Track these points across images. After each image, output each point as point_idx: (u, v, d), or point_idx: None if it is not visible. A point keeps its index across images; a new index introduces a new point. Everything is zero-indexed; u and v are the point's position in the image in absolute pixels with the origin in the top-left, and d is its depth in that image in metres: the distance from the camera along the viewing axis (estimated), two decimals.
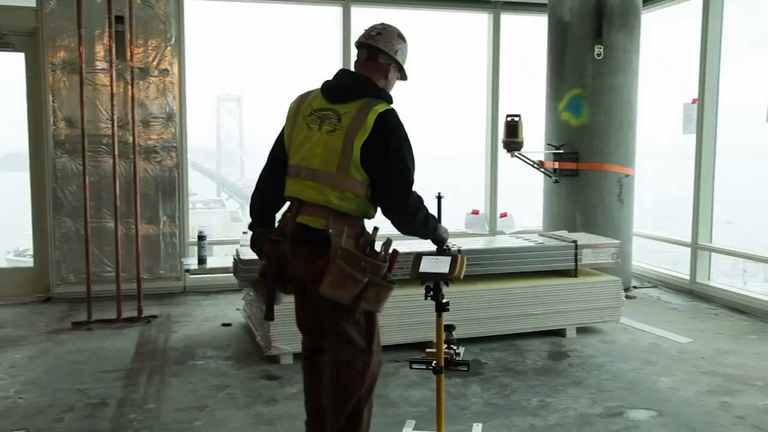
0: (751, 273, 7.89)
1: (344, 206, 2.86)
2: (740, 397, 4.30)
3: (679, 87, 7.50)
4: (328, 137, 2.87)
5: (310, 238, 2.87)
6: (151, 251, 7.02)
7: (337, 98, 2.94)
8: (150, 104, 6.96)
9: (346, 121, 2.86)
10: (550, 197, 7.46)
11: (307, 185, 2.90)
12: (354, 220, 2.89)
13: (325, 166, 2.86)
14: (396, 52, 3.09)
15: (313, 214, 2.87)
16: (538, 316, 5.50)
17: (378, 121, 2.83)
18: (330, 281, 2.76)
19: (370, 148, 2.82)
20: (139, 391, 4.43)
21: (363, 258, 2.79)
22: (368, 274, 2.79)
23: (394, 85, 3.17)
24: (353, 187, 2.85)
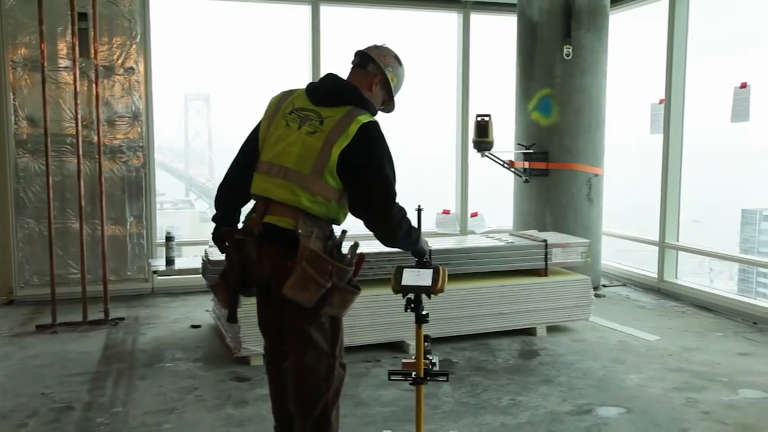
0: (717, 271, 8.03)
1: (314, 209, 2.81)
2: (706, 393, 4.36)
3: (646, 87, 7.59)
4: (307, 138, 2.82)
5: (277, 239, 2.81)
6: (117, 252, 6.91)
7: (321, 101, 2.90)
8: (115, 103, 6.84)
9: (328, 125, 2.81)
10: (521, 197, 7.50)
11: (277, 183, 2.84)
12: (323, 222, 2.84)
13: (299, 166, 2.81)
14: (386, 67, 3.07)
15: (282, 214, 2.82)
16: (509, 315, 5.52)
17: (360, 131, 2.79)
18: (293, 283, 2.71)
19: (348, 156, 2.78)
20: (106, 395, 4.34)
21: (329, 261, 2.74)
22: (333, 278, 2.74)
23: (379, 103, 3.11)
24: (325, 192, 2.80)
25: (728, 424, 3.89)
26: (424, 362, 3.34)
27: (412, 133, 9.21)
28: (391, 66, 3.09)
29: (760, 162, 9.88)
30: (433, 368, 3.36)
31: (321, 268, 2.72)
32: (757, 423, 3.90)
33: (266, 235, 2.84)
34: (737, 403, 4.19)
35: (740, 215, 10.15)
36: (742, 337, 5.63)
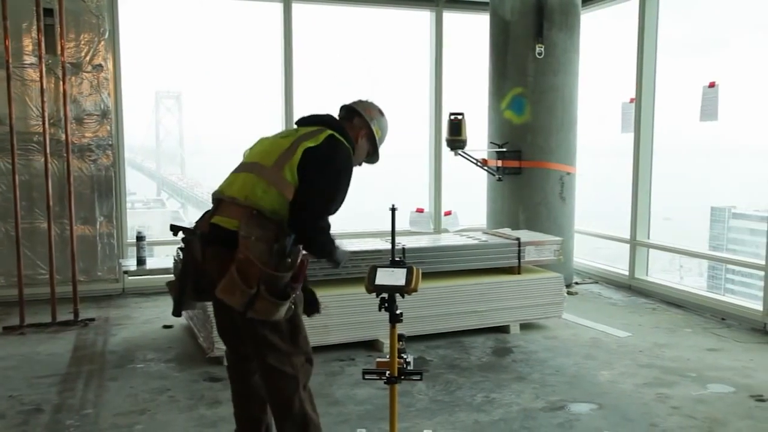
0: (687, 268, 8.14)
1: (265, 201, 2.84)
2: (676, 389, 4.41)
3: (617, 87, 7.67)
4: (279, 140, 3.01)
5: (222, 240, 2.84)
6: (87, 252, 6.80)
7: (303, 122, 3.13)
8: (83, 101, 6.74)
9: (301, 132, 3.00)
10: (494, 195, 7.53)
11: (238, 177, 2.96)
12: (270, 223, 2.84)
13: (263, 159, 2.94)
14: (372, 120, 3.22)
15: (229, 215, 2.87)
16: (483, 313, 5.54)
17: (328, 140, 2.94)
18: (223, 285, 2.76)
19: (311, 157, 2.87)
20: (75, 397, 4.28)
21: (258, 267, 2.74)
22: (260, 284, 2.74)
23: (363, 156, 3.26)
24: (281, 185, 2.85)
25: (697, 418, 3.95)
26: (398, 361, 3.35)
27: None
28: (376, 119, 3.25)
29: (729, 160, 10.04)
30: (407, 367, 3.36)
31: (248, 273, 2.74)
32: (724, 417, 3.96)
33: (211, 236, 2.89)
34: (706, 398, 4.26)
35: (709, 213, 10.31)
36: (711, 333, 5.71)
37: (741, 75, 7.48)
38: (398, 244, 5.28)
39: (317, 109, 3.22)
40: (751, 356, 5.08)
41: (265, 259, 2.78)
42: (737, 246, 9.56)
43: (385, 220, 3.53)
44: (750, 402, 4.19)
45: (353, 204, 3.27)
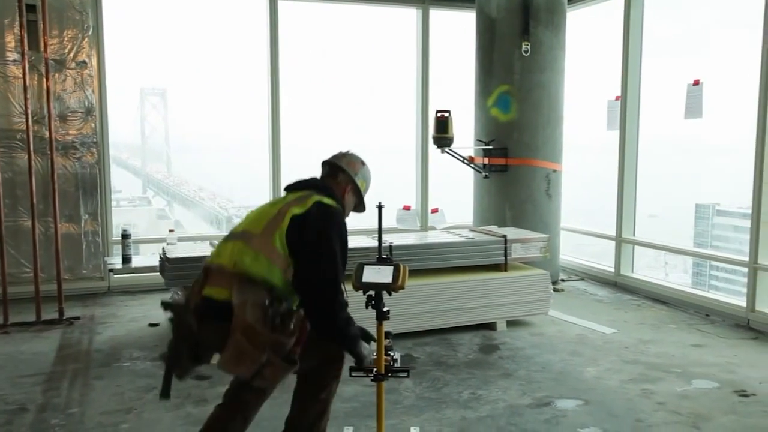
0: (672, 265, 8.19)
1: (254, 268, 2.81)
2: (660, 384, 4.45)
3: (603, 84, 7.71)
4: (267, 207, 3.04)
5: (216, 312, 2.76)
6: (72, 251, 6.76)
7: (290, 189, 3.16)
8: (67, 98, 6.69)
9: (289, 198, 3.03)
10: (480, 192, 7.55)
11: (227, 246, 2.95)
12: (261, 289, 2.78)
13: (252, 227, 2.95)
14: (356, 175, 3.26)
15: (219, 284, 2.82)
16: (469, 310, 5.56)
17: (317, 205, 2.96)
18: (228, 357, 2.68)
19: (301, 226, 2.88)
20: (61, 396, 4.25)
21: (264, 334, 2.68)
22: (268, 351, 2.69)
23: (350, 209, 3.31)
24: (270, 252, 2.84)
25: (681, 413, 3.98)
26: (385, 358, 3.36)
27: (372, 129, 9.20)
28: (359, 172, 3.29)
29: (713, 158, 10.12)
30: (394, 364, 3.37)
31: (256, 341, 2.67)
32: (708, 412, 4.00)
33: (205, 309, 2.81)
34: (690, 394, 4.29)
35: (694, 210, 10.38)
36: (695, 329, 5.76)
37: (724, 73, 7.54)
38: (385, 241, 5.28)
39: (303, 106, 3.22)
40: (734, 352, 5.13)
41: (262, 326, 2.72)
42: (721, 243, 9.64)
43: (372, 217, 3.54)
44: (734, 397, 4.24)
45: None
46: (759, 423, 3.86)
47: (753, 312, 5.76)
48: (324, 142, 9.48)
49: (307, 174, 3.27)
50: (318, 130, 9.20)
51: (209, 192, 16.85)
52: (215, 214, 16.68)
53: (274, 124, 7.51)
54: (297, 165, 8.17)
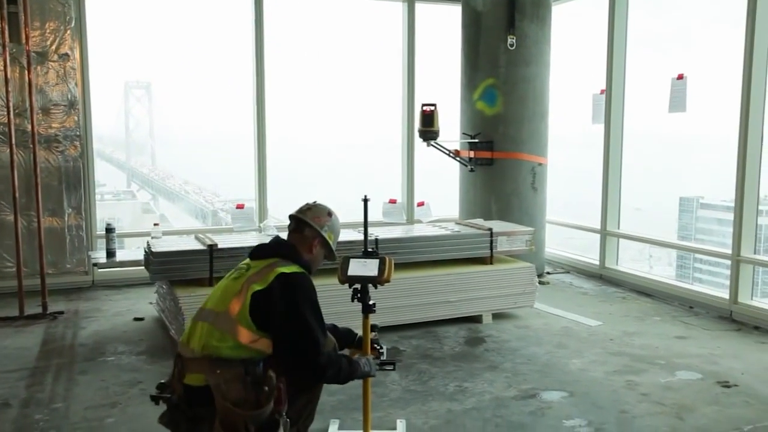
0: (656, 257, 8.25)
1: (221, 349, 2.87)
2: (644, 376, 4.48)
3: (588, 78, 7.73)
4: (231, 282, 3.01)
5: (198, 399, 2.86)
6: (55, 245, 6.70)
7: (256, 255, 3.12)
8: (50, 90, 6.62)
9: (251, 272, 3.00)
10: (466, 186, 7.56)
11: (196, 326, 2.97)
12: (234, 362, 2.86)
13: (217, 306, 2.96)
14: (323, 228, 3.22)
15: (194, 370, 2.89)
16: (455, 303, 5.57)
17: (278, 279, 2.94)
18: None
19: (265, 302, 2.89)
20: (44, 391, 4.22)
21: (239, 414, 2.75)
22: (248, 428, 2.76)
23: (321, 261, 3.29)
24: (235, 332, 2.87)
25: (665, 404, 4.02)
26: (371, 351, 3.37)
27: (358, 123, 9.19)
28: (327, 225, 3.25)
29: (697, 151, 10.18)
30: (380, 357, 3.38)
31: (232, 422, 2.76)
32: (692, 403, 4.04)
33: (188, 397, 2.90)
34: (674, 385, 4.33)
35: (678, 203, 10.44)
36: (679, 321, 5.80)
37: (708, 68, 7.59)
38: (371, 234, 5.27)
39: (289, 100, 3.20)
40: (717, 344, 5.18)
41: (244, 400, 2.80)
42: (705, 236, 9.71)
43: (357, 210, 3.54)
44: (717, 388, 4.28)
45: (326, 195, 3.28)
46: (741, 413, 3.90)
47: (736, 304, 5.81)
48: (310, 135, 9.46)
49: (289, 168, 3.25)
50: (304, 123, 9.17)
51: (195, 186, 16.77)
52: (201, 208, 16.61)
53: (259, 117, 7.48)
54: (283, 158, 8.15)
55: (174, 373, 3.01)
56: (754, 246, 5.80)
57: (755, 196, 5.76)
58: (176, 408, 2.95)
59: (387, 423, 3.70)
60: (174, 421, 2.99)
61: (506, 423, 3.76)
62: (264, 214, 7.46)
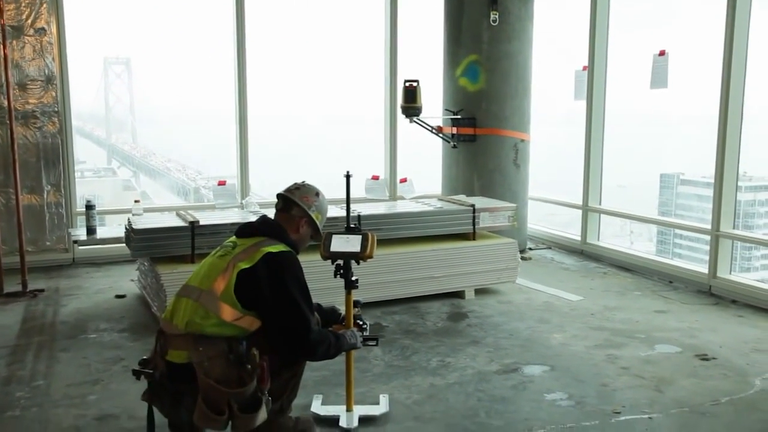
0: (637, 233, 8.32)
1: (204, 326, 2.88)
2: (625, 350, 4.54)
3: (571, 55, 7.73)
4: (217, 260, 3.02)
5: (181, 376, 2.88)
6: (35, 222, 6.63)
7: (242, 234, 3.13)
8: (26, 66, 6.50)
9: (237, 250, 3.01)
10: (449, 162, 7.56)
11: (180, 302, 2.98)
12: (217, 339, 2.88)
13: (202, 283, 2.96)
14: (310, 208, 3.23)
15: (176, 347, 2.90)
16: (438, 279, 5.59)
17: (265, 258, 2.95)
18: (197, 415, 2.81)
19: (251, 281, 2.90)
20: (26, 368, 4.20)
21: (222, 391, 2.78)
22: (230, 405, 2.80)
23: (307, 241, 3.30)
24: (219, 310, 2.88)
25: (645, 377, 4.07)
26: (354, 327, 3.38)
27: (341, 99, 9.13)
28: (314, 205, 3.26)
29: (678, 128, 10.25)
30: (363, 333, 3.40)
31: (215, 399, 2.79)
32: (670, 375, 4.10)
33: (171, 374, 2.91)
34: (653, 358, 4.39)
35: (659, 179, 10.52)
36: (659, 295, 5.87)
37: (689, 44, 7.61)
38: (354, 211, 5.27)
39: (270, 72, 3.17)
40: (696, 317, 5.25)
41: (227, 377, 2.82)
42: (685, 212, 9.80)
43: (340, 187, 3.53)
44: (695, 361, 4.34)
45: (307, 172, 3.27)
46: (719, 385, 3.97)
47: (714, 278, 5.88)
48: (292, 111, 9.39)
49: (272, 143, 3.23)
50: (286, 99, 9.10)
51: (179, 164, 16.63)
52: (182, 185, 16.50)
53: (240, 93, 7.40)
54: (265, 134, 8.09)
55: (156, 349, 3.00)
56: (733, 221, 5.87)
57: (735, 172, 5.81)
58: (158, 384, 2.95)
59: (370, 398, 3.73)
60: (157, 397, 3.00)
61: (488, 397, 3.80)
62: (246, 191, 7.41)
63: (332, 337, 3.12)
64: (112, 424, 3.46)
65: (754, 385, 3.97)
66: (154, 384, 2.97)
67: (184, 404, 2.93)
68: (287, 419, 3.22)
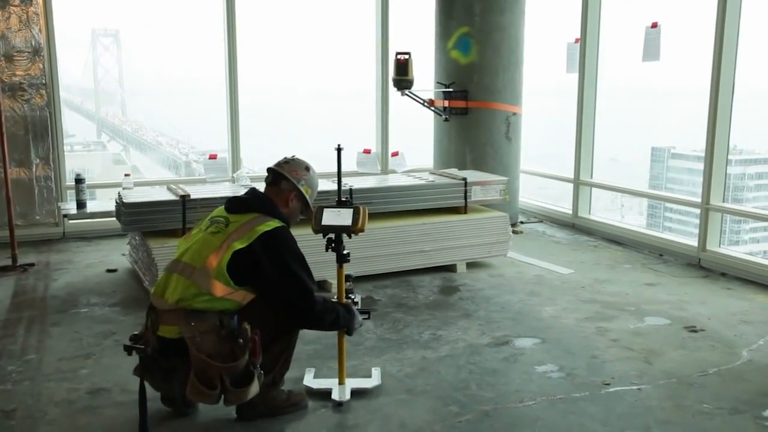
0: (628, 207, 8.35)
1: (197, 302, 2.90)
2: (615, 322, 4.58)
3: (563, 27, 7.67)
4: (209, 236, 2.99)
5: (174, 350, 2.91)
6: (24, 196, 6.58)
7: (233, 209, 3.10)
8: (12, 36, 6.40)
9: (231, 228, 3.00)
10: (441, 136, 7.53)
11: (171, 278, 2.99)
12: (210, 314, 2.91)
13: (193, 260, 2.96)
14: (299, 182, 3.22)
15: (168, 322, 2.92)
16: (430, 253, 5.60)
17: (261, 238, 2.94)
18: (189, 389, 2.85)
19: (246, 260, 2.91)
20: (17, 343, 4.19)
21: (214, 366, 2.81)
22: (222, 380, 2.83)
23: (297, 215, 3.30)
24: (210, 287, 2.90)
25: (634, 349, 4.11)
26: (346, 301, 3.38)
27: (333, 71, 9.06)
28: (304, 179, 3.26)
29: (670, 101, 10.25)
30: (355, 307, 3.40)
31: (207, 373, 2.82)
32: (659, 347, 4.14)
33: (163, 349, 2.94)
34: (643, 330, 4.43)
35: (650, 153, 10.54)
36: (649, 268, 5.91)
37: (682, 17, 7.57)
38: (345, 184, 5.26)
39: (261, 46, 3.14)
40: (686, 290, 5.29)
41: (219, 352, 2.84)
42: (675, 185, 9.84)
43: (331, 160, 3.52)
44: (684, 333, 4.38)
45: (299, 145, 3.26)
46: (707, 357, 4.01)
47: (704, 251, 5.92)
48: (284, 84, 9.32)
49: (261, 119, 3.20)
50: (277, 72, 9.02)
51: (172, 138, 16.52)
52: (174, 159, 16.41)
53: (231, 67, 7.31)
54: (255, 105, 8.02)
55: (147, 324, 3.01)
56: (723, 194, 5.89)
57: (725, 145, 5.81)
58: (150, 359, 2.96)
59: (362, 371, 3.75)
60: (148, 372, 3.01)
61: (480, 369, 3.82)
62: (237, 165, 7.38)
63: (342, 310, 3.20)
64: (104, 397, 3.47)
65: (741, 356, 4.02)
66: (145, 359, 2.98)
67: (177, 378, 2.94)
68: (280, 392, 3.23)
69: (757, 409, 3.38)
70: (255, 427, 3.14)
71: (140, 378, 3.03)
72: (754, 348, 4.15)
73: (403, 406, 3.39)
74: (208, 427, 3.15)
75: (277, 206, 3.17)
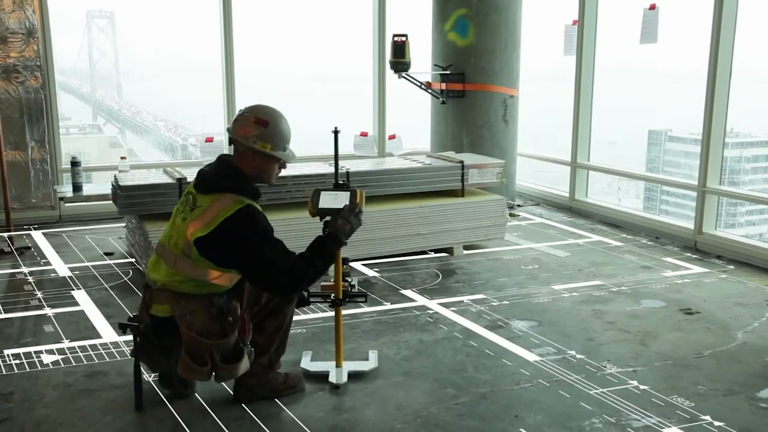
0: (625, 190, 8.36)
1: (184, 287, 2.92)
2: (611, 305, 4.59)
3: (561, 9, 7.63)
4: (180, 222, 2.96)
5: (167, 328, 2.94)
6: (19, 179, 6.56)
7: (199, 186, 2.99)
8: (6, 18, 6.34)
9: (195, 213, 2.91)
10: (438, 118, 7.51)
11: (160, 262, 3.00)
12: (200, 295, 2.93)
13: (172, 247, 2.95)
14: (250, 140, 2.96)
15: (159, 301, 2.95)
16: (427, 236, 5.60)
17: (224, 225, 2.86)
18: (181, 366, 2.89)
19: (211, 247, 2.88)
20: (14, 326, 4.19)
21: (204, 343, 2.85)
22: (213, 357, 2.87)
23: (271, 169, 3.06)
24: (192, 272, 2.91)
25: (630, 332, 4.13)
26: (342, 284, 3.39)
27: (329, 54, 9.01)
28: (254, 135, 2.96)
29: (667, 84, 10.24)
30: (351, 290, 3.41)
31: (198, 351, 2.86)
32: (655, 330, 4.15)
33: (156, 327, 2.98)
34: (639, 313, 4.45)
35: (647, 136, 10.54)
36: (645, 251, 5.92)
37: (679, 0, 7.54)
38: (342, 167, 5.24)
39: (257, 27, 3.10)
40: (682, 273, 5.30)
41: (209, 330, 2.87)
42: (672, 168, 9.85)
43: (328, 143, 3.50)
44: (679, 315, 4.40)
45: (295, 127, 3.22)
46: (702, 339, 4.03)
47: (700, 234, 5.93)
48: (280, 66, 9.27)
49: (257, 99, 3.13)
50: (274, 54, 8.97)
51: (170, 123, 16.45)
52: (170, 142, 16.36)
53: (227, 49, 7.26)
54: (252, 90, 7.99)
55: (142, 303, 3.03)
56: (720, 177, 5.90)
57: (722, 128, 5.81)
58: (145, 338, 2.98)
59: (359, 354, 3.76)
60: (145, 351, 3.02)
61: (476, 352, 3.84)
62: None
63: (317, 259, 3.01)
64: (101, 380, 3.48)
65: (736, 338, 4.04)
66: (141, 338, 2.99)
67: (174, 357, 2.96)
68: (276, 375, 3.25)
69: (751, 390, 3.40)
70: (252, 409, 3.15)
71: (135, 359, 3.05)
72: (749, 330, 4.17)
73: (400, 388, 3.40)
74: (206, 409, 3.16)
75: (242, 174, 2.99)
